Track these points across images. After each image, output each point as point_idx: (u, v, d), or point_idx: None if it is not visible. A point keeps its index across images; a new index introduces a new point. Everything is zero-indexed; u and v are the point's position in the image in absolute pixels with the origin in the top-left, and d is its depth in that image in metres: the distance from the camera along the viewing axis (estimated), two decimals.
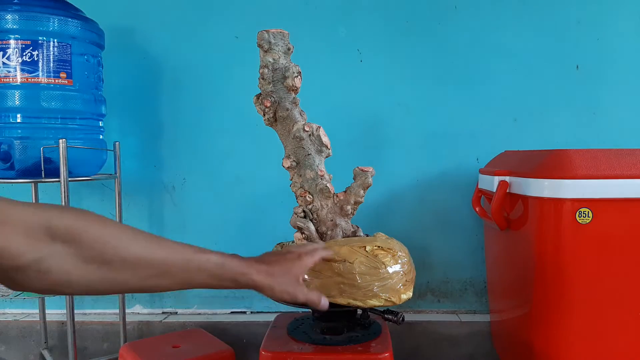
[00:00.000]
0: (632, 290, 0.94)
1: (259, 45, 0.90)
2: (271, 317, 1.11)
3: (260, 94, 0.93)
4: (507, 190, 1.05)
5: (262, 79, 0.90)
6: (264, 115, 0.92)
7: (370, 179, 0.94)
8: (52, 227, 0.47)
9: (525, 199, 1.00)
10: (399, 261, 0.87)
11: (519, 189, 1.01)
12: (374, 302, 0.84)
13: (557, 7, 1.39)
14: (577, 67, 1.40)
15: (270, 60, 0.90)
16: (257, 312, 1.47)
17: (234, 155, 1.45)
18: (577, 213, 0.91)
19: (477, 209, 1.22)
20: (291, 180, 0.95)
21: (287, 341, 0.92)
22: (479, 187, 1.22)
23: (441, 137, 1.42)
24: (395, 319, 0.93)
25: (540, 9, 1.39)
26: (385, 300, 0.84)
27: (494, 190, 1.06)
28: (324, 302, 0.72)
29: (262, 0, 1.42)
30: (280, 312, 1.16)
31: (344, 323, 0.94)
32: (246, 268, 0.62)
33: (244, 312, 1.47)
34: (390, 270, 0.84)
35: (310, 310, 0.95)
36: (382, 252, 0.86)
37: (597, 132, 1.40)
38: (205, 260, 0.58)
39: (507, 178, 1.05)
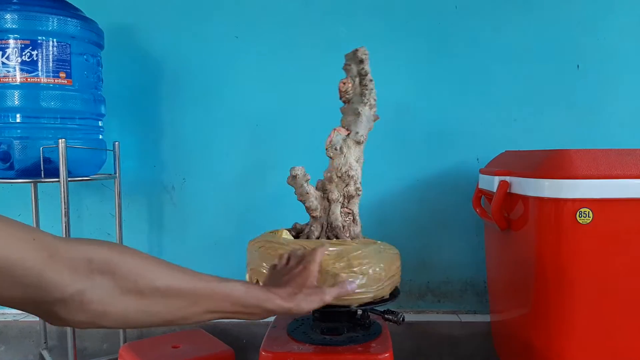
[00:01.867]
0: (633, 290, 0.93)
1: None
2: (271, 317, 1.11)
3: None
4: (508, 191, 1.05)
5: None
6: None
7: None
8: (92, 260, 0.50)
9: (525, 199, 1.00)
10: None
11: (519, 189, 1.01)
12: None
13: (557, 7, 1.39)
14: (578, 67, 1.40)
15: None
16: None
17: (234, 155, 1.45)
18: (578, 213, 0.91)
19: (477, 209, 1.22)
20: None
21: (287, 341, 0.92)
22: (479, 187, 1.22)
23: (441, 137, 1.41)
24: (395, 319, 0.92)
25: (540, 9, 1.39)
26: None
27: (494, 190, 1.06)
28: (352, 286, 0.76)
29: (262, 0, 1.42)
30: None
31: (344, 323, 0.94)
32: (269, 294, 0.64)
33: None
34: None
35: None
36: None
37: (597, 132, 1.39)
38: (231, 287, 0.60)
39: (507, 178, 1.05)
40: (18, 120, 1.13)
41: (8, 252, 0.44)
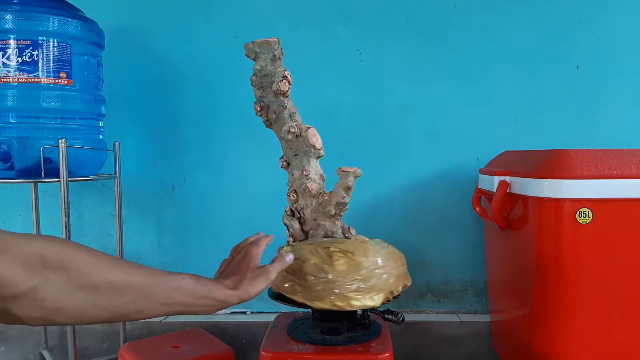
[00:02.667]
0: (633, 290, 0.94)
1: (247, 56, 0.95)
2: (271, 317, 1.11)
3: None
4: (507, 190, 1.05)
5: (252, 85, 0.96)
6: (263, 118, 0.98)
7: (351, 180, 0.91)
8: (45, 256, 0.49)
9: (525, 199, 1.00)
10: (360, 267, 0.83)
11: (519, 189, 1.01)
12: (320, 305, 0.82)
13: (557, 7, 1.39)
14: (577, 67, 1.40)
15: (258, 67, 0.95)
16: (257, 312, 1.47)
17: (234, 155, 1.45)
18: (577, 213, 0.91)
19: (477, 209, 1.22)
20: (290, 177, 0.99)
21: (287, 341, 0.92)
22: (479, 187, 1.22)
23: (441, 137, 1.42)
24: (395, 319, 0.93)
25: (540, 9, 1.39)
26: (332, 304, 0.82)
27: (494, 190, 1.06)
28: (289, 257, 0.76)
29: (262, 0, 1.42)
30: (280, 312, 1.16)
31: (343, 323, 0.94)
32: (217, 285, 0.65)
33: (244, 312, 1.47)
34: (335, 272, 0.82)
35: (310, 310, 0.95)
36: (339, 254, 0.84)
37: (597, 132, 1.39)
38: (181, 279, 0.61)
39: (507, 178, 1.05)
40: (18, 120, 1.13)
41: None
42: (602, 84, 1.39)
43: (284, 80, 0.94)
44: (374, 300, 0.84)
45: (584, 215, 0.91)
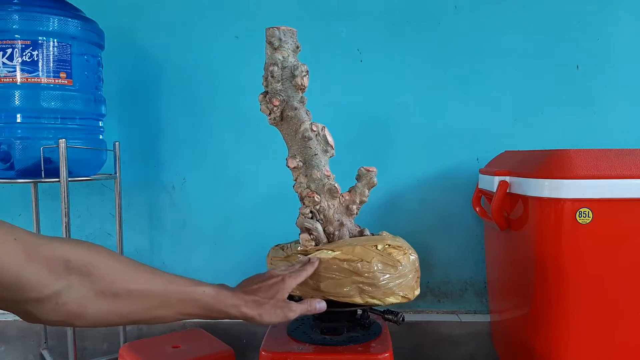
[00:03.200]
0: (633, 290, 0.94)
1: (269, 42, 0.89)
2: None
3: (266, 92, 0.92)
4: (507, 190, 1.05)
5: (272, 77, 0.89)
6: (270, 114, 0.91)
7: (375, 179, 0.95)
8: (70, 261, 0.50)
9: (525, 199, 1.00)
10: (411, 258, 0.88)
11: (519, 189, 1.01)
12: (391, 300, 0.85)
13: (557, 7, 1.39)
14: (577, 67, 1.40)
15: (280, 58, 0.89)
16: None
17: (234, 155, 1.45)
18: (577, 213, 0.91)
19: (477, 209, 1.22)
20: (295, 180, 0.94)
21: (287, 341, 0.92)
22: (479, 187, 1.22)
23: (441, 137, 1.42)
24: (395, 319, 0.93)
25: (540, 9, 1.39)
26: (402, 297, 0.86)
27: (494, 190, 1.06)
28: (320, 305, 0.76)
29: (262, 0, 1.42)
30: None
31: (344, 323, 0.94)
32: (236, 300, 0.65)
33: None
34: (406, 268, 0.85)
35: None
36: (395, 250, 0.87)
37: (597, 132, 1.39)
38: (201, 292, 0.61)
39: (507, 178, 1.05)
40: (19, 120, 1.13)
41: None
42: (602, 84, 1.39)
43: (307, 75, 0.89)
44: (419, 289, 0.90)
45: (584, 215, 0.91)
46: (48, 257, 0.48)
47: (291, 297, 0.91)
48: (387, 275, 0.84)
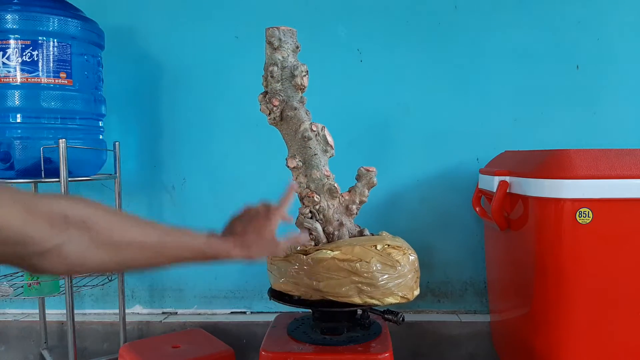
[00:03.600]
0: (632, 289, 0.93)
1: (269, 42, 0.90)
2: (271, 317, 1.11)
3: (266, 92, 0.92)
4: (507, 190, 1.05)
5: (271, 77, 0.90)
6: (270, 114, 0.91)
7: (375, 179, 0.95)
8: (69, 216, 0.53)
9: (525, 199, 1.00)
10: (410, 258, 0.88)
11: (519, 189, 1.01)
12: (390, 300, 0.85)
13: (557, 7, 1.39)
14: (577, 67, 1.40)
15: (280, 58, 0.89)
16: (257, 312, 1.47)
17: (234, 155, 1.45)
18: (577, 213, 0.91)
19: (477, 209, 1.22)
20: (295, 180, 0.94)
21: (287, 341, 0.92)
22: (479, 187, 1.22)
23: (441, 137, 1.41)
24: (395, 319, 0.93)
25: (540, 9, 1.39)
26: (401, 297, 0.86)
27: (494, 190, 1.06)
28: (303, 237, 0.78)
29: (262, 0, 1.42)
30: (281, 312, 1.16)
31: (344, 323, 0.94)
32: (225, 245, 0.69)
33: (244, 312, 1.47)
34: (405, 268, 0.85)
35: (310, 310, 0.95)
36: (394, 250, 0.87)
37: (597, 132, 1.39)
38: (193, 241, 0.66)
39: (507, 178, 1.05)
40: (19, 120, 1.13)
41: None
42: (602, 84, 1.39)
43: (307, 75, 0.90)
44: (419, 289, 0.91)
45: (584, 215, 0.91)
46: (48, 213, 0.51)
47: (290, 297, 0.91)
48: (386, 276, 0.84)
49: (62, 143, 1.08)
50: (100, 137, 1.30)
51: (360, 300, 0.84)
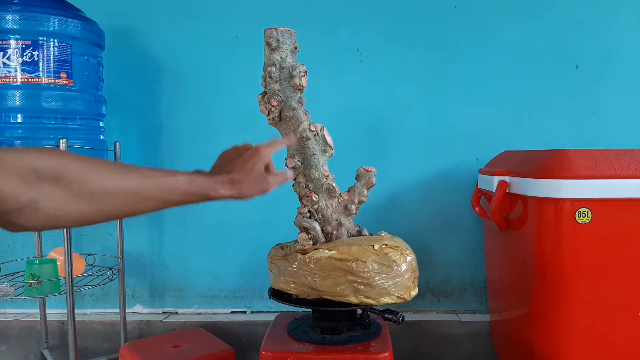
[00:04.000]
0: (632, 289, 0.94)
1: (267, 43, 0.90)
2: (271, 317, 1.11)
3: (264, 92, 0.93)
4: (507, 190, 1.05)
5: (269, 77, 0.90)
6: (269, 114, 0.92)
7: (374, 179, 0.95)
8: (38, 170, 0.51)
9: (524, 199, 1.00)
10: (407, 258, 0.88)
11: (519, 189, 1.01)
12: (386, 300, 0.85)
13: (557, 7, 1.39)
14: (577, 67, 1.40)
15: (278, 58, 0.90)
16: (257, 312, 1.47)
17: None
18: (577, 213, 0.91)
19: (476, 209, 1.23)
20: (294, 180, 0.95)
21: (287, 341, 0.92)
22: (478, 187, 1.22)
23: (441, 137, 1.42)
24: (395, 318, 0.93)
25: (540, 9, 1.39)
26: (397, 297, 0.86)
27: (494, 190, 1.06)
28: (289, 173, 0.75)
29: (262, 0, 1.42)
30: (281, 311, 1.16)
31: (343, 323, 0.95)
32: (212, 183, 0.66)
33: (244, 312, 1.48)
34: (402, 268, 0.85)
35: (310, 310, 0.96)
36: (391, 250, 0.87)
37: (597, 132, 1.40)
38: (175, 180, 0.62)
39: (506, 178, 1.05)
40: (19, 120, 1.13)
41: None
42: (602, 84, 1.40)
43: (305, 76, 0.90)
44: (416, 289, 0.90)
45: (583, 215, 0.91)
46: (17, 168, 0.50)
47: (289, 296, 0.91)
48: (382, 275, 0.84)
49: (62, 143, 1.08)
50: (101, 137, 1.30)
51: (356, 299, 0.84)
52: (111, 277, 1.27)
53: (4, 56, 1.11)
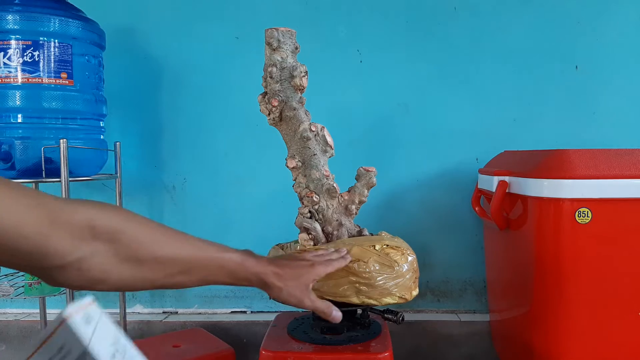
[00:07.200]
0: (632, 289, 0.94)
1: (268, 43, 0.90)
2: (271, 317, 1.11)
3: (265, 92, 0.93)
4: (507, 190, 1.05)
5: (270, 77, 0.90)
6: (269, 114, 0.92)
7: (374, 179, 0.95)
8: (95, 227, 0.48)
9: (524, 199, 1.00)
10: (409, 258, 0.88)
11: (519, 189, 1.02)
12: (388, 300, 0.85)
13: (557, 7, 1.39)
14: (577, 67, 1.40)
15: (279, 59, 0.89)
16: (258, 312, 1.47)
17: (234, 155, 1.45)
18: (577, 213, 0.91)
19: (476, 209, 1.23)
20: (294, 180, 0.95)
21: (288, 341, 0.92)
22: (478, 187, 1.23)
23: (441, 137, 1.42)
24: (395, 318, 0.93)
25: (540, 9, 1.40)
26: (399, 297, 0.86)
27: (494, 190, 1.06)
28: (336, 314, 0.73)
29: (262, 0, 1.42)
30: (281, 311, 1.16)
31: (344, 323, 0.94)
32: (261, 268, 0.64)
33: (244, 312, 1.48)
34: (403, 268, 0.85)
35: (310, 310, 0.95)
36: (392, 250, 0.87)
37: (597, 132, 1.40)
38: (228, 259, 0.61)
39: (506, 178, 1.05)
40: (19, 120, 1.14)
41: (8, 220, 0.42)
42: (602, 84, 1.40)
43: (306, 76, 0.89)
44: (417, 289, 0.90)
45: (583, 215, 0.91)
46: (73, 223, 0.47)
47: None
48: (384, 276, 0.84)
49: (63, 143, 1.08)
50: (101, 137, 1.31)
51: (358, 300, 0.84)
52: None
53: (4, 56, 1.11)
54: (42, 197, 0.46)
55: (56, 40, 1.13)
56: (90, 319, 0.36)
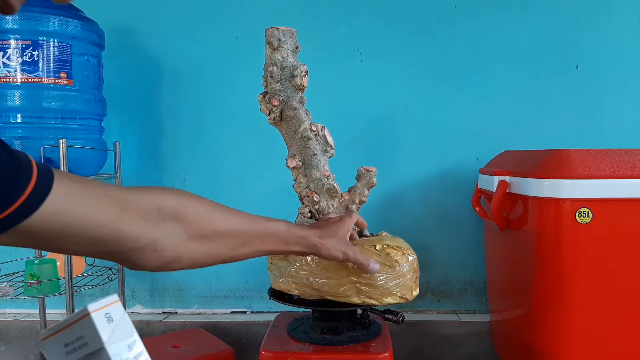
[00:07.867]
0: (632, 290, 0.94)
1: (268, 43, 0.90)
2: (271, 317, 1.11)
3: (265, 92, 0.93)
4: (507, 190, 1.05)
5: (271, 77, 0.89)
6: (270, 114, 0.91)
7: (375, 179, 0.95)
8: (161, 209, 0.52)
9: (525, 199, 1.00)
10: (409, 258, 0.88)
11: (519, 189, 1.01)
12: (389, 300, 0.85)
13: (557, 7, 1.39)
14: (577, 67, 1.40)
15: (279, 58, 0.89)
16: (257, 312, 1.47)
17: (234, 155, 1.45)
18: (577, 213, 0.91)
19: (477, 209, 1.22)
20: (295, 180, 0.95)
21: (287, 341, 0.92)
22: (478, 187, 1.22)
23: (441, 137, 1.42)
24: (395, 318, 0.93)
25: (540, 9, 1.39)
26: (400, 297, 0.86)
27: (494, 190, 1.06)
28: (373, 266, 0.79)
29: (262, 0, 1.42)
30: (281, 312, 1.16)
31: (343, 323, 0.94)
32: (306, 232, 0.70)
33: (244, 312, 1.47)
34: (404, 268, 0.85)
35: (310, 310, 0.95)
36: (393, 250, 0.87)
37: (597, 132, 1.40)
38: (276, 227, 0.66)
39: (507, 178, 1.05)
40: (19, 120, 1.13)
41: (83, 211, 0.45)
42: (602, 84, 1.40)
43: (307, 75, 0.90)
44: (418, 289, 0.90)
45: (584, 215, 0.91)
46: (141, 208, 0.50)
47: (290, 296, 0.91)
48: (385, 276, 0.84)
49: (62, 143, 1.08)
50: (101, 137, 1.30)
51: (359, 300, 0.84)
52: (111, 277, 1.27)
53: (3, 56, 1.11)
54: (108, 188, 0.49)
55: (55, 40, 1.13)
56: (112, 318, 0.38)
